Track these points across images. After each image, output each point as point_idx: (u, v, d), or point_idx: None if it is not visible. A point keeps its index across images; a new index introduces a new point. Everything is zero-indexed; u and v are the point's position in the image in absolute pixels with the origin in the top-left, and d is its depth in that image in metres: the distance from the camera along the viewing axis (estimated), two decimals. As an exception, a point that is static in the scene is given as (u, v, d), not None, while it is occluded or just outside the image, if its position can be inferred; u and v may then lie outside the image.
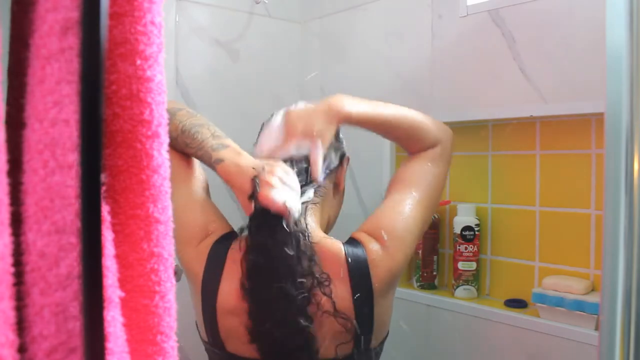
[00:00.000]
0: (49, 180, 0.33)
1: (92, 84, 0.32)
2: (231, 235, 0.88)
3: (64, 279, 0.33)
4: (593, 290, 1.03)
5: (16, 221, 0.33)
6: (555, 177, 1.11)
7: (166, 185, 0.41)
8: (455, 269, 1.21)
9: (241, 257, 0.81)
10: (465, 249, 1.19)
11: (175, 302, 0.43)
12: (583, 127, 1.05)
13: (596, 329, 0.97)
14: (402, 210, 0.88)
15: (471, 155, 1.24)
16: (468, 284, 1.19)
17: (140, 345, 0.40)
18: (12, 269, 0.31)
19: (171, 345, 0.42)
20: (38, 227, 0.33)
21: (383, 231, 0.84)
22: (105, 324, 0.33)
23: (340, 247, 0.82)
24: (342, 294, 0.80)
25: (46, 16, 0.34)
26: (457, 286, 1.20)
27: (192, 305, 0.88)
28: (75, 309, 0.33)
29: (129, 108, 0.38)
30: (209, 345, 0.87)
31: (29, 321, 0.33)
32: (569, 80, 1.04)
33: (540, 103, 1.09)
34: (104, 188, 0.36)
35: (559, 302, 1.01)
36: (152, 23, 0.38)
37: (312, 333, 0.78)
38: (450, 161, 0.98)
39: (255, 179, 0.78)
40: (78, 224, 0.32)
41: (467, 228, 1.19)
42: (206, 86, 1.40)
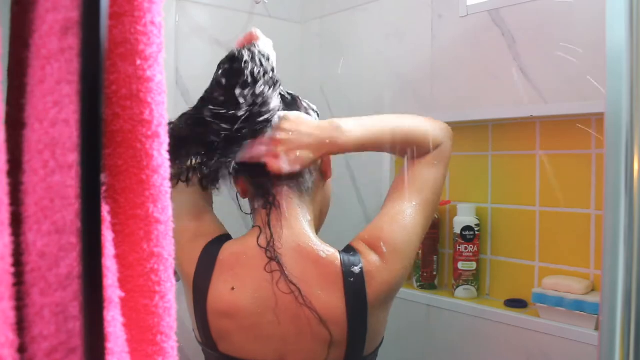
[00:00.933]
0: (49, 180, 0.33)
1: (92, 84, 0.32)
2: (224, 238, 0.87)
3: (64, 279, 0.33)
4: (593, 290, 1.03)
5: (16, 221, 0.33)
6: (555, 177, 1.11)
7: (166, 185, 0.41)
8: (455, 269, 1.21)
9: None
10: (465, 249, 1.19)
11: (175, 302, 0.43)
12: (583, 127, 1.06)
13: (596, 329, 0.97)
14: (403, 221, 0.85)
15: (471, 155, 1.24)
16: (468, 284, 1.19)
17: (140, 345, 0.40)
18: (12, 269, 0.31)
19: (171, 345, 0.42)
20: (38, 227, 0.33)
21: (382, 243, 0.82)
22: (105, 324, 0.33)
23: (337, 256, 0.81)
24: (335, 303, 0.78)
25: (46, 16, 0.34)
26: (457, 286, 1.20)
27: (187, 307, 0.88)
28: (75, 309, 0.33)
29: (129, 108, 0.38)
30: (203, 346, 0.87)
31: (29, 321, 0.33)
32: (569, 80, 1.04)
33: (540, 103, 1.09)
34: (104, 188, 0.36)
35: (559, 302, 1.01)
36: (152, 23, 0.38)
37: (294, 340, 0.79)
38: (449, 160, 0.96)
39: None
40: (78, 224, 0.32)
41: (467, 228, 1.19)
42: (206, 86, 1.39)
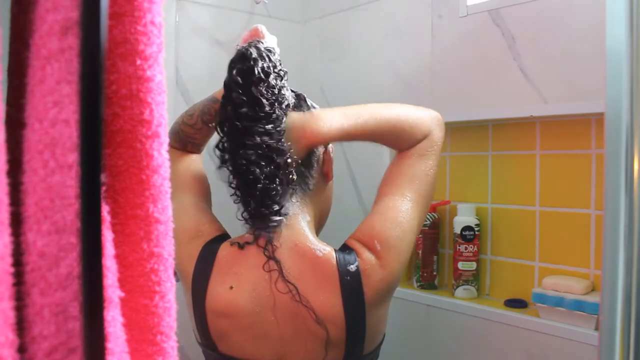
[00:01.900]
0: (49, 180, 0.33)
1: (92, 84, 0.32)
2: (223, 237, 0.87)
3: (64, 279, 0.33)
4: (593, 290, 1.03)
5: (16, 221, 0.33)
6: (555, 177, 1.11)
7: (166, 185, 0.41)
8: (455, 269, 1.21)
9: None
10: (465, 249, 1.19)
11: (175, 302, 0.43)
12: (583, 127, 1.06)
13: (596, 329, 0.97)
14: (395, 217, 0.84)
15: (471, 155, 1.24)
16: (468, 284, 1.19)
17: (140, 345, 0.40)
18: (12, 269, 0.31)
19: (171, 345, 0.42)
20: (38, 227, 0.33)
21: (376, 241, 0.82)
22: (105, 324, 0.33)
23: (333, 255, 0.80)
24: (332, 302, 0.78)
25: (46, 16, 0.34)
26: (457, 286, 1.20)
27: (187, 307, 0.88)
28: (75, 309, 0.33)
29: (129, 108, 0.38)
30: (203, 347, 0.87)
31: (29, 321, 0.33)
32: (569, 80, 1.04)
33: (540, 103, 1.09)
34: (104, 188, 0.36)
35: (559, 302, 1.01)
36: (152, 23, 0.38)
37: (292, 339, 0.79)
38: (440, 150, 0.93)
39: None
40: (78, 224, 0.32)
41: (467, 228, 1.19)
42: (206, 86, 1.39)
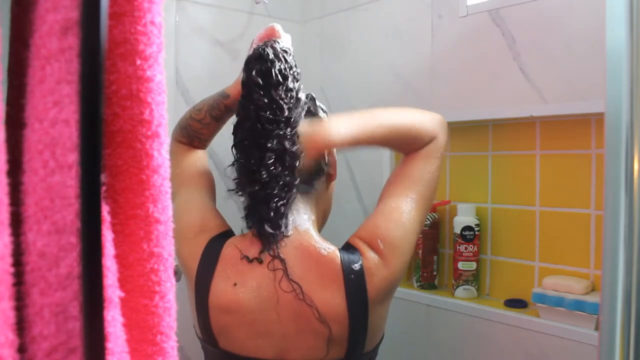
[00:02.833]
0: (49, 180, 0.33)
1: (92, 84, 0.32)
2: (228, 234, 0.88)
3: (64, 279, 0.33)
4: (593, 290, 1.03)
5: (16, 221, 0.33)
6: (555, 177, 1.11)
7: (166, 185, 0.41)
8: (455, 269, 1.21)
9: None
10: (465, 249, 1.19)
11: (175, 302, 0.43)
12: (583, 127, 1.06)
13: (596, 329, 0.97)
14: (399, 217, 0.85)
15: (471, 155, 1.24)
16: (468, 284, 1.19)
17: (140, 345, 0.40)
18: (12, 269, 0.31)
19: (171, 345, 0.42)
20: (38, 227, 0.33)
21: (379, 240, 0.83)
22: (105, 324, 0.33)
23: (337, 254, 0.81)
24: (336, 300, 0.79)
25: (46, 16, 0.34)
26: (457, 286, 1.20)
27: (189, 303, 0.88)
28: (75, 309, 0.33)
29: (129, 108, 0.38)
30: (204, 342, 0.87)
31: (29, 321, 0.33)
32: (569, 80, 1.04)
33: (540, 103, 1.09)
34: (104, 188, 0.36)
35: (559, 302, 1.01)
36: (152, 23, 0.38)
37: (294, 336, 0.79)
38: (443, 153, 0.95)
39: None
40: (78, 224, 0.32)
41: (467, 228, 1.19)
42: (206, 86, 1.39)
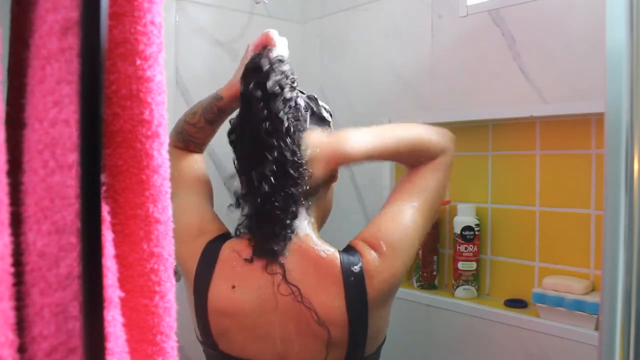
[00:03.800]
0: (49, 180, 0.33)
1: (92, 84, 0.32)
2: (226, 236, 0.88)
3: (64, 279, 0.33)
4: (593, 290, 1.03)
5: (16, 221, 0.33)
6: (555, 177, 1.11)
7: (166, 185, 0.41)
8: (455, 269, 1.21)
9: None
10: (465, 249, 1.19)
11: (175, 302, 0.43)
12: (583, 127, 1.06)
13: (596, 329, 0.97)
14: (402, 221, 0.85)
15: (471, 155, 1.24)
16: (468, 284, 1.19)
17: (140, 345, 0.40)
18: (12, 269, 0.31)
19: (171, 345, 0.42)
20: (38, 227, 0.33)
21: (381, 241, 0.82)
22: (105, 324, 0.33)
23: (336, 256, 0.81)
24: (335, 302, 0.78)
25: (46, 16, 0.34)
26: (457, 286, 1.20)
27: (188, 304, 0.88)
28: (75, 309, 0.33)
29: (129, 108, 0.38)
30: (204, 345, 0.87)
31: (29, 321, 0.33)
32: (569, 80, 1.04)
33: (540, 103, 1.09)
34: (104, 188, 0.36)
35: (559, 302, 1.01)
36: (152, 23, 0.38)
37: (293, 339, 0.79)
38: (452, 165, 0.96)
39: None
40: (78, 224, 0.32)
41: (467, 228, 1.19)
42: (206, 86, 1.39)
